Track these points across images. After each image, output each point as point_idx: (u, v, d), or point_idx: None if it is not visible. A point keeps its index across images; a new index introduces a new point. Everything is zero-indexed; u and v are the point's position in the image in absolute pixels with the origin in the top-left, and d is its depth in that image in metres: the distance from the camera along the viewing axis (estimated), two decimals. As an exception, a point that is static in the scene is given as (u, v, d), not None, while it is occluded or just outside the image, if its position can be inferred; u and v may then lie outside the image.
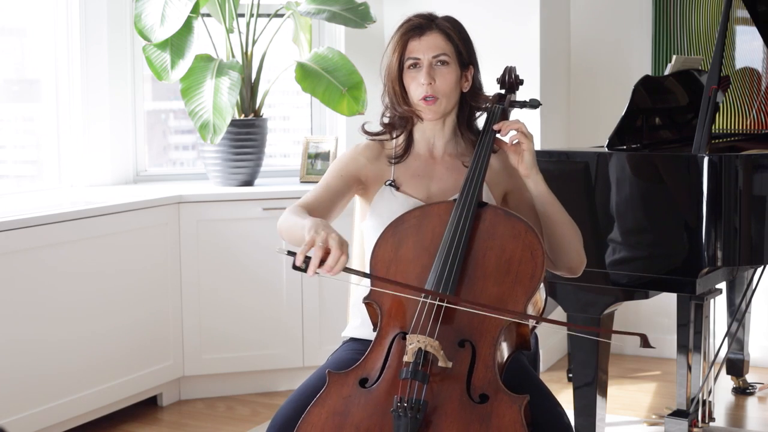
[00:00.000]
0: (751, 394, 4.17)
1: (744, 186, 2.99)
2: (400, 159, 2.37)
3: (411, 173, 2.36)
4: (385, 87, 2.35)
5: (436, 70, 2.28)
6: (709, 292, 3.38)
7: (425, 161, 2.37)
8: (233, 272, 4.13)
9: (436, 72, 2.28)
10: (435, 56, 2.28)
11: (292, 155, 5.02)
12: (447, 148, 2.38)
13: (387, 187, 2.35)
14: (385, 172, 2.37)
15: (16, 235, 3.40)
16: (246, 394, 4.23)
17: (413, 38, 2.29)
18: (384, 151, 2.40)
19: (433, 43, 2.28)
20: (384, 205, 2.32)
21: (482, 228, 2.18)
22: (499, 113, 2.35)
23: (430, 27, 2.30)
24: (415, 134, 2.39)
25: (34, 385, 3.48)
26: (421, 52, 2.28)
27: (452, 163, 2.37)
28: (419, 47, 2.28)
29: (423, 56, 2.28)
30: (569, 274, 2.36)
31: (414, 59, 2.28)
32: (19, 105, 4.29)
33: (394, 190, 2.34)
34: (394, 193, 2.33)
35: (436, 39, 2.29)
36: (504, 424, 1.97)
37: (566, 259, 2.32)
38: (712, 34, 4.54)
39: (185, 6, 4.05)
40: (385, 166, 2.38)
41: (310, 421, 2.04)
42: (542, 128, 4.44)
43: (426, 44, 2.28)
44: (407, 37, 2.29)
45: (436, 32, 2.29)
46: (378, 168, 2.38)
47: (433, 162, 2.37)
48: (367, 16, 4.28)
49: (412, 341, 2.04)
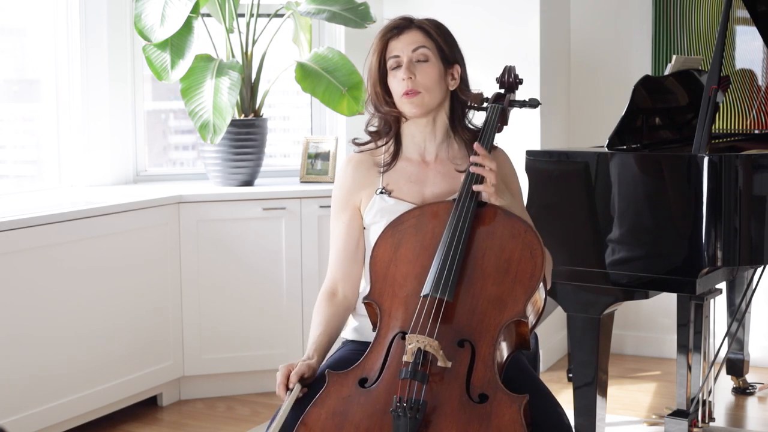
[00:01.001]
0: (751, 394, 4.17)
1: (744, 186, 2.99)
2: (389, 166, 2.36)
3: (403, 179, 2.34)
4: (367, 92, 2.36)
5: (417, 66, 2.29)
6: (709, 292, 3.38)
7: (417, 165, 2.36)
8: (233, 272, 4.13)
9: (416, 67, 2.29)
10: (414, 50, 2.28)
11: (292, 155, 5.02)
12: (439, 152, 2.37)
13: (378, 195, 2.33)
14: (375, 181, 2.36)
15: (16, 235, 3.40)
16: (246, 394, 4.23)
17: (392, 38, 2.31)
18: (374, 160, 2.38)
19: (412, 39, 2.30)
20: (379, 214, 2.31)
21: (481, 228, 2.18)
22: (498, 113, 2.35)
23: (408, 26, 2.32)
24: (403, 139, 2.37)
25: (34, 385, 3.48)
26: (400, 50, 2.29)
27: (444, 168, 2.35)
28: (398, 45, 2.30)
29: (402, 53, 2.29)
30: None
31: (395, 58, 2.30)
32: (19, 105, 4.29)
33: (385, 196, 2.33)
34: (385, 200, 2.32)
35: (415, 35, 2.30)
36: (503, 423, 1.97)
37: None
38: (712, 34, 4.54)
39: (185, 6, 4.05)
40: (375, 176, 2.36)
41: (309, 422, 2.04)
42: (542, 128, 4.44)
43: (404, 41, 2.30)
44: (387, 38, 2.31)
45: (415, 30, 2.31)
46: (368, 181, 2.36)
47: (425, 167, 2.36)
48: (367, 16, 4.28)
49: (412, 341, 2.04)
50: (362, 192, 2.35)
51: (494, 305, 2.09)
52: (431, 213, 2.23)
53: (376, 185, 2.35)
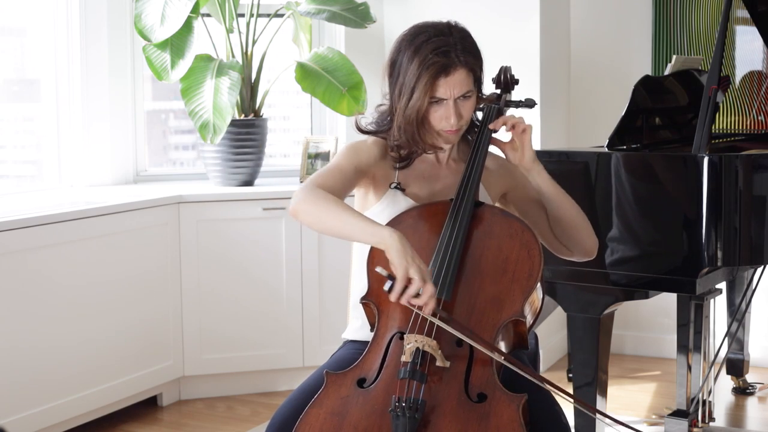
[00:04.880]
0: (751, 394, 4.17)
1: (744, 186, 2.99)
2: (406, 165, 2.35)
3: (416, 175, 2.34)
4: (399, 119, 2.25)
5: (461, 104, 2.23)
6: (709, 292, 3.37)
7: (431, 164, 2.36)
8: (233, 272, 4.13)
9: (460, 106, 2.23)
10: (461, 94, 2.22)
11: (292, 155, 5.02)
12: (451, 153, 2.38)
13: (393, 190, 2.32)
14: (389, 172, 2.34)
15: (16, 235, 3.40)
16: (246, 394, 4.23)
17: (438, 78, 2.20)
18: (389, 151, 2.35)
19: (458, 81, 2.21)
20: (391, 209, 2.29)
21: (479, 227, 2.18)
22: (494, 113, 2.35)
23: (453, 65, 2.20)
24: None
25: (34, 385, 3.48)
26: (447, 93, 2.21)
27: (457, 168, 2.36)
28: (446, 89, 2.20)
29: (449, 96, 2.21)
30: (586, 257, 2.40)
31: (438, 99, 2.22)
32: (19, 105, 4.29)
33: (400, 192, 2.31)
34: (399, 197, 2.31)
35: (461, 76, 2.21)
36: (502, 423, 1.97)
37: (581, 243, 2.37)
38: (712, 34, 4.53)
39: (185, 6, 4.05)
40: (390, 166, 2.34)
41: (308, 422, 2.04)
42: (542, 128, 4.44)
43: (452, 84, 2.20)
44: (434, 80, 2.19)
45: (461, 69, 2.20)
46: (385, 167, 2.33)
47: (438, 166, 2.37)
48: (367, 16, 4.28)
49: (410, 341, 2.04)
50: (378, 174, 2.32)
51: (492, 305, 2.09)
52: (429, 212, 2.22)
53: (391, 178, 2.33)
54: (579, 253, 2.39)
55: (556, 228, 2.36)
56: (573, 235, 2.36)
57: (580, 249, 2.38)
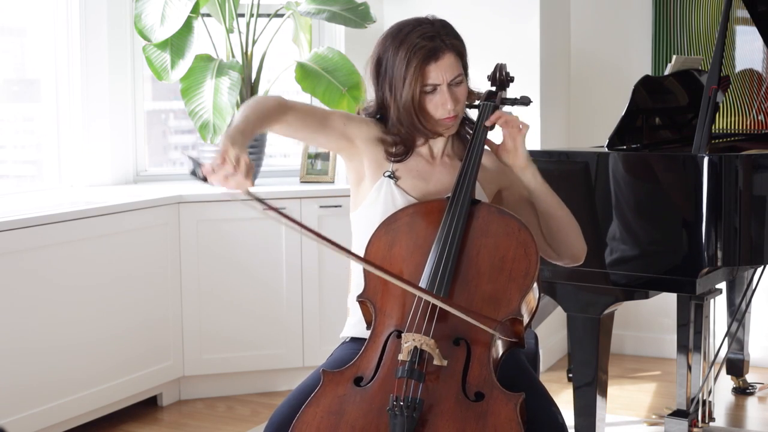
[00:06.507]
0: (751, 394, 4.16)
1: (744, 186, 2.99)
2: (401, 159, 2.35)
3: (411, 172, 2.34)
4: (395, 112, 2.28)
5: (454, 90, 2.26)
6: (709, 292, 3.37)
7: (425, 159, 2.36)
8: (233, 272, 4.13)
9: (454, 92, 2.26)
10: (453, 78, 2.24)
11: (292, 155, 5.01)
12: (446, 149, 2.38)
13: (386, 178, 2.32)
14: (382, 161, 2.34)
15: (16, 235, 3.40)
16: (246, 394, 4.23)
17: (428, 64, 2.23)
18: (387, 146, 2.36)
19: (448, 65, 2.24)
20: (381, 198, 2.30)
21: (475, 226, 2.17)
22: (490, 110, 2.34)
23: (441, 48, 2.23)
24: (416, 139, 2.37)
25: (34, 385, 3.48)
26: (439, 78, 2.23)
27: (451, 163, 2.36)
28: (437, 74, 2.23)
29: (441, 81, 2.23)
30: (573, 262, 2.39)
31: (432, 85, 2.24)
32: (19, 105, 4.29)
33: (392, 183, 2.31)
34: (392, 187, 2.31)
35: (450, 60, 2.24)
36: (500, 422, 1.97)
37: (570, 247, 2.36)
38: (712, 34, 4.53)
39: (185, 6, 4.05)
40: (382, 156, 2.34)
41: (305, 421, 2.04)
42: (542, 128, 4.44)
43: (442, 68, 2.23)
44: (424, 64, 2.23)
45: (449, 53, 2.24)
46: (376, 153, 2.33)
47: (432, 161, 2.36)
48: (367, 16, 4.28)
49: (408, 340, 2.04)
50: (367, 153, 2.33)
51: (489, 303, 2.09)
52: (425, 211, 2.22)
53: (385, 167, 2.33)
54: (567, 257, 2.38)
55: (546, 230, 2.35)
56: (562, 239, 2.35)
57: (569, 253, 2.37)
